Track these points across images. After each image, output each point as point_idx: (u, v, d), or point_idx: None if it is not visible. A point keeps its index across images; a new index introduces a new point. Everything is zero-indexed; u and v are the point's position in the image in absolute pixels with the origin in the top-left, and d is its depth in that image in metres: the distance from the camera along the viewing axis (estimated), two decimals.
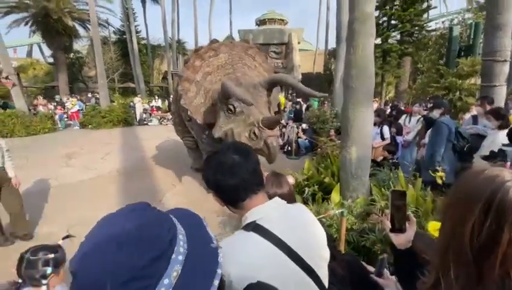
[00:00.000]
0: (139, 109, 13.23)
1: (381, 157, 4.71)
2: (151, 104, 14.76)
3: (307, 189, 3.67)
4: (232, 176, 0.86)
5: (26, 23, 18.42)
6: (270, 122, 3.18)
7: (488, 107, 3.99)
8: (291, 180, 1.61)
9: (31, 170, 5.78)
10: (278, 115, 3.35)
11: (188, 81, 3.99)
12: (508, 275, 0.55)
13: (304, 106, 9.72)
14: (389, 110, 6.69)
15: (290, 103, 10.68)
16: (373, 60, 3.21)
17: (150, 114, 13.38)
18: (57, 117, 11.89)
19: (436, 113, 4.05)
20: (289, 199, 1.31)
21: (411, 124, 5.19)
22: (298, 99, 10.48)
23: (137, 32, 22.22)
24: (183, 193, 4.82)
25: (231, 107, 3.39)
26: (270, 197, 1.03)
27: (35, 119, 10.86)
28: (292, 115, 9.10)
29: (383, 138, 4.80)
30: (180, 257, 0.46)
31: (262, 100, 3.48)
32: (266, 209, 0.91)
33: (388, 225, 0.96)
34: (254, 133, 3.26)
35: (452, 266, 0.61)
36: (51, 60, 22.83)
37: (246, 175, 0.87)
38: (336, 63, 6.95)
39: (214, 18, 22.65)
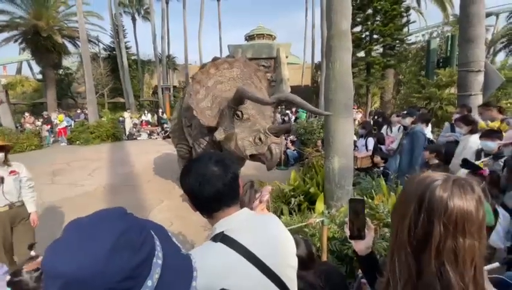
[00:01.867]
0: (128, 124, 13.14)
1: (369, 165, 4.80)
2: (140, 119, 14.69)
3: (293, 199, 3.70)
4: (208, 187, 0.88)
5: (16, 41, 18.35)
6: (278, 130, 3.42)
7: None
8: (268, 189, 1.64)
9: None
10: (288, 124, 3.56)
11: (200, 84, 4.19)
12: (444, 267, 0.59)
13: (293, 118, 9.86)
14: (375, 118, 6.86)
15: (279, 115, 10.83)
16: (351, 74, 3.35)
17: (140, 129, 13.29)
18: (44, 134, 11.68)
19: (408, 121, 4.21)
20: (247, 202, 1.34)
21: (393, 133, 5.35)
22: (287, 111, 10.64)
23: (127, 48, 22.37)
24: (171, 208, 4.77)
25: (239, 113, 3.58)
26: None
27: (22, 137, 10.63)
28: None
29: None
30: (160, 261, 0.49)
31: (268, 113, 3.76)
32: (235, 220, 0.93)
33: (347, 232, 1.00)
34: (260, 138, 3.41)
35: (397, 263, 0.66)
36: (39, 76, 22.62)
37: (222, 188, 0.90)
38: (321, 76, 7.17)
39: (203, 33, 23.09)
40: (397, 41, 12.62)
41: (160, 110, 15.71)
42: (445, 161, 3.53)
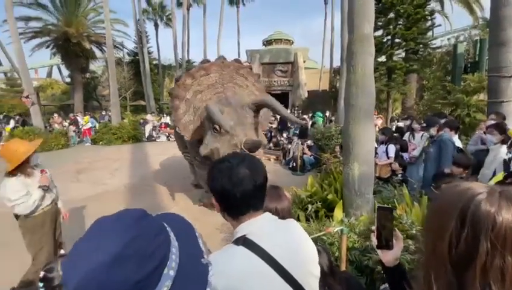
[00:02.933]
0: (149, 126, 13.55)
1: (388, 174, 4.63)
2: (160, 121, 15.11)
3: (310, 206, 3.62)
4: (240, 188, 0.87)
5: (47, 47, 19.56)
6: (251, 146, 3.15)
7: None
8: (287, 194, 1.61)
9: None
10: (259, 140, 3.32)
11: (178, 98, 4.08)
12: (490, 286, 0.54)
13: (309, 123, 9.77)
14: (408, 122, 6.55)
15: None
16: (373, 79, 3.25)
17: (159, 130, 13.66)
18: (70, 134, 12.30)
19: (433, 131, 4.01)
20: (288, 213, 1.32)
21: (416, 141, 5.14)
22: (304, 116, 10.55)
23: (149, 53, 23.20)
24: (187, 209, 4.83)
25: (217, 126, 3.40)
26: (271, 211, 1.04)
27: (51, 136, 11.25)
28: (297, 132, 9.13)
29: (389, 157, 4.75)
30: (172, 273, 0.46)
31: (249, 121, 3.48)
32: (257, 224, 0.92)
33: (375, 241, 0.95)
34: None
35: (433, 280, 0.61)
36: (68, 80, 23.93)
37: (253, 191, 0.89)
38: (341, 81, 7.06)
39: (222, 39, 23.51)
40: (421, 46, 12.19)
41: None
42: (473, 170, 3.33)
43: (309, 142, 7.21)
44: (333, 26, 20.91)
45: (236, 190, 0.87)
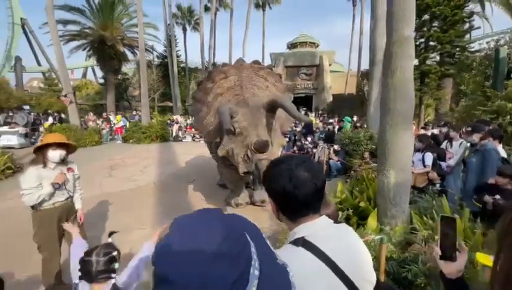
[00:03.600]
0: (176, 126, 14.00)
1: (424, 183, 4.41)
2: (186, 122, 15.56)
3: (340, 213, 3.53)
4: (303, 190, 0.87)
5: (84, 49, 20.91)
6: (259, 146, 3.21)
7: None
8: None
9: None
10: (265, 140, 3.31)
11: (200, 102, 4.25)
12: None
13: (337, 127, 9.56)
14: (444, 130, 6.22)
15: (321, 124, 10.58)
16: (412, 83, 3.13)
17: (185, 131, 14.06)
18: (103, 131, 13.03)
19: (475, 138, 3.76)
20: (335, 218, 1.31)
21: (453, 149, 4.85)
22: (331, 120, 10.34)
23: (177, 56, 24.02)
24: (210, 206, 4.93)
25: (231, 128, 3.47)
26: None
27: (85, 133, 11.99)
28: (323, 136, 8.98)
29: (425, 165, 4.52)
30: (257, 272, 0.46)
31: (262, 122, 3.53)
32: (316, 227, 0.92)
33: (438, 252, 0.92)
34: (247, 155, 3.32)
35: None
36: (101, 80, 25.41)
37: (314, 193, 0.89)
38: (370, 85, 6.86)
39: (247, 42, 23.79)
40: (457, 49, 11.52)
41: None
42: None
43: (336, 147, 7.05)
44: (362, 28, 20.40)
45: (297, 192, 0.88)
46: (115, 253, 1.43)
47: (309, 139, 9.29)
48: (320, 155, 7.24)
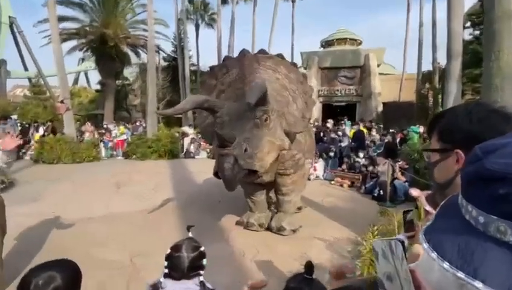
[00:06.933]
0: (187, 140, 14.37)
1: None
2: (199, 135, 15.89)
3: None
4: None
5: (81, 49, 22.51)
6: (218, 136, 3.51)
7: None
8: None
9: (81, 196, 6.81)
10: (229, 132, 3.52)
11: None
12: None
13: (398, 138, 9.45)
14: None
15: (377, 135, 10.45)
16: None
17: (199, 145, 14.38)
18: (101, 145, 13.62)
19: None
20: None
21: None
22: (391, 130, 10.24)
23: (189, 57, 25.16)
24: (254, 233, 4.95)
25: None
26: None
27: (82, 146, 12.61)
28: (380, 151, 8.88)
29: None
30: None
31: (249, 116, 3.72)
32: None
33: None
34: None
35: None
36: (97, 87, 26.92)
37: None
38: (447, 85, 6.77)
39: (273, 40, 24.57)
40: None
41: None
42: None
43: (402, 162, 6.94)
44: (421, 20, 20.45)
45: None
46: (202, 248, 1.59)
47: (361, 154, 9.22)
48: (381, 174, 7.13)
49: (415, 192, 1.27)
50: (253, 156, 3.59)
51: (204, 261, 1.57)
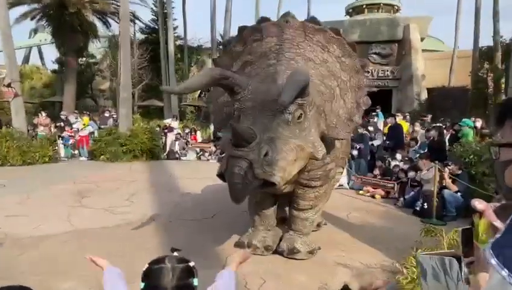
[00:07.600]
0: (171, 137, 14.39)
1: None
2: (186, 130, 15.88)
3: None
4: None
5: (34, 17, 22.53)
6: (234, 134, 3.51)
7: None
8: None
9: (33, 208, 6.90)
10: (249, 127, 3.54)
11: None
12: None
13: (448, 134, 9.43)
14: None
15: (421, 130, 10.41)
16: None
17: (187, 143, 14.41)
18: (59, 142, 13.64)
19: None
20: None
21: None
22: (438, 124, 10.20)
23: (173, 29, 25.21)
24: (259, 259, 4.95)
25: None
26: None
27: (35, 144, 12.66)
28: (422, 151, 8.87)
29: None
30: None
31: (274, 108, 3.69)
32: None
33: None
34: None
35: None
36: (55, 66, 27.05)
37: None
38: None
39: (283, 5, 24.53)
40: None
41: None
42: None
43: (453, 166, 6.91)
44: None
45: None
46: (192, 263, 1.55)
47: (398, 156, 9.19)
48: (425, 182, 7.10)
49: (480, 204, 1.23)
50: (273, 163, 3.48)
51: (195, 282, 1.50)
